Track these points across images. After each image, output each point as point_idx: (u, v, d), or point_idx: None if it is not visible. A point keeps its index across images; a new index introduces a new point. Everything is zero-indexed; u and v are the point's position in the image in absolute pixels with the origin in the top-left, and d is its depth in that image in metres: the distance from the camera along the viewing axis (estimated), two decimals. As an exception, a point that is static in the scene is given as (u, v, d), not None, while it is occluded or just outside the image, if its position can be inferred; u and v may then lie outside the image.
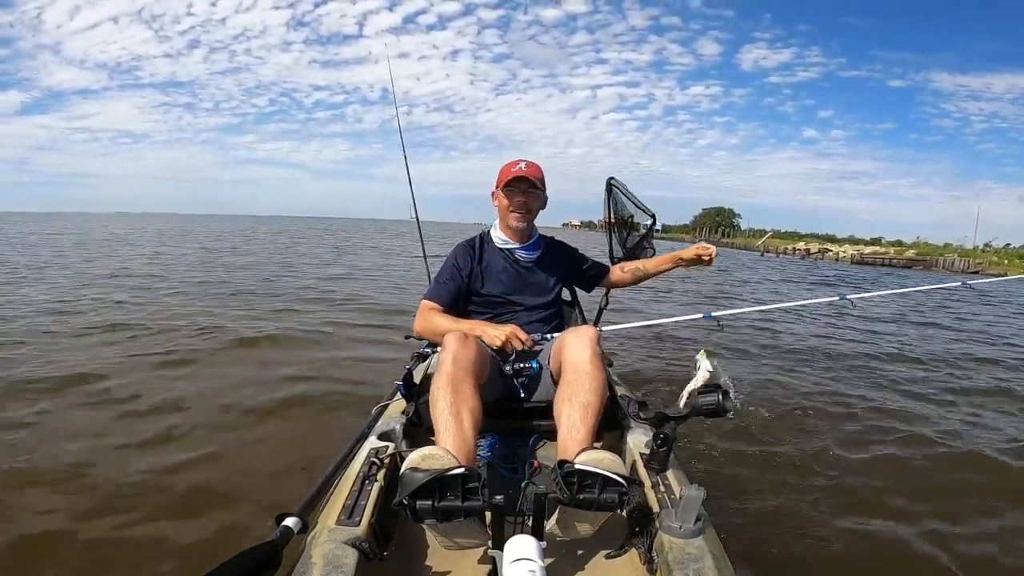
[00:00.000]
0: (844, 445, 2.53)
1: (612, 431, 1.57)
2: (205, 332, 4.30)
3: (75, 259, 10.68)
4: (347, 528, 1.02)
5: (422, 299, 1.67)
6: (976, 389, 3.65)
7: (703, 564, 0.95)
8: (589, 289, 1.97)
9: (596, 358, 1.30)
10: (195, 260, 11.28)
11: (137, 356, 3.61)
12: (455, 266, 1.70)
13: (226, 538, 1.68)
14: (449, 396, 1.21)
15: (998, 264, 27.45)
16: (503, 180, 1.66)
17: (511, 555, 0.93)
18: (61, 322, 4.58)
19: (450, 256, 1.73)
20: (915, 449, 2.51)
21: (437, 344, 1.50)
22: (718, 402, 1.20)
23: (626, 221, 2.06)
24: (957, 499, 2.10)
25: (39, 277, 7.59)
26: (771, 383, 3.49)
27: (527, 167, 1.65)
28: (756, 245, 37.16)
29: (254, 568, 0.82)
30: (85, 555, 1.63)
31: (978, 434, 2.77)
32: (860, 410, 3.02)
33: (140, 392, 2.91)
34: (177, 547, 1.66)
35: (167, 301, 5.87)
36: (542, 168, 1.69)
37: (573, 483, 1.02)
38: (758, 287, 11.63)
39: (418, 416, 1.46)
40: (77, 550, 1.65)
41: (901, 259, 29.07)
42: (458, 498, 0.99)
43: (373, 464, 1.23)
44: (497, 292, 1.68)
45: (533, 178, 1.64)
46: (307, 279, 8.30)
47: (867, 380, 3.71)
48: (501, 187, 1.66)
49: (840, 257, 30.57)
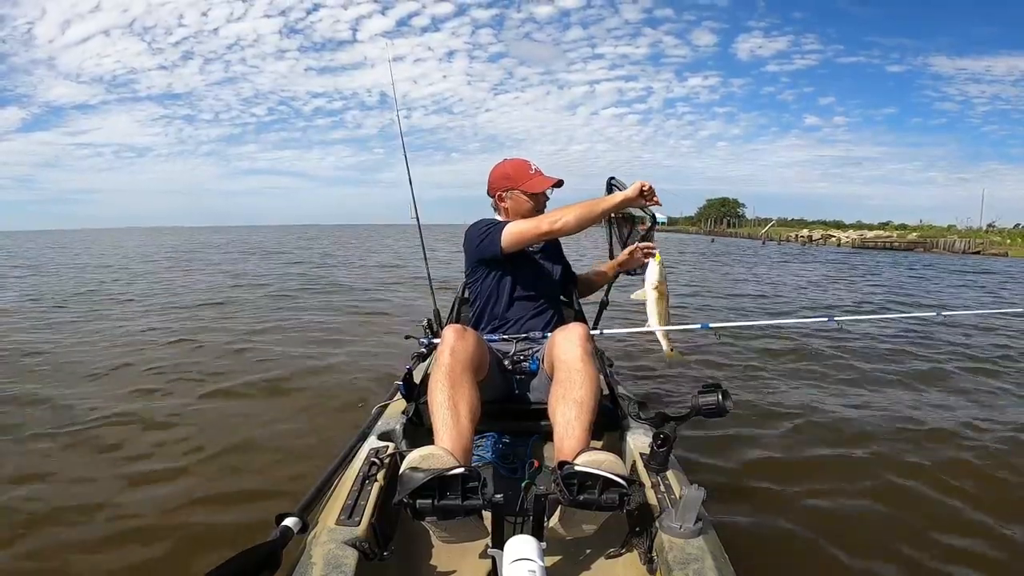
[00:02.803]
0: (846, 445, 2.53)
1: (612, 431, 1.57)
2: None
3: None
4: (347, 528, 1.02)
5: (507, 226, 1.60)
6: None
7: (703, 564, 0.95)
8: (568, 295, 2.01)
9: (587, 355, 1.29)
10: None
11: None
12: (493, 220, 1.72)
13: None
14: (447, 390, 1.20)
15: (1000, 244, 26.96)
16: (532, 184, 1.69)
17: (511, 555, 0.93)
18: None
19: (478, 222, 1.71)
20: (917, 449, 2.50)
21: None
22: (718, 402, 1.20)
23: (626, 220, 2.06)
24: (959, 501, 2.10)
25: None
26: (771, 382, 3.48)
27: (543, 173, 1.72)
28: (760, 234, 37.10)
29: (254, 568, 0.82)
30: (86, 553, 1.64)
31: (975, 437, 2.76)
32: (861, 410, 3.02)
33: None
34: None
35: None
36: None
37: (573, 484, 1.02)
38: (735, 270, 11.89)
39: (418, 416, 1.46)
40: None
41: (902, 242, 28.85)
42: (458, 497, 0.99)
43: (373, 464, 1.23)
44: (515, 285, 1.70)
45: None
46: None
47: (867, 379, 3.70)
48: (530, 191, 1.69)
49: (842, 242, 30.37)
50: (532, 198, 1.69)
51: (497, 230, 1.61)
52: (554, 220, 1.55)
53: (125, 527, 1.77)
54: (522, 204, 1.69)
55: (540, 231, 1.56)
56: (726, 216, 55.45)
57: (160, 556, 1.63)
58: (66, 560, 1.62)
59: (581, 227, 1.57)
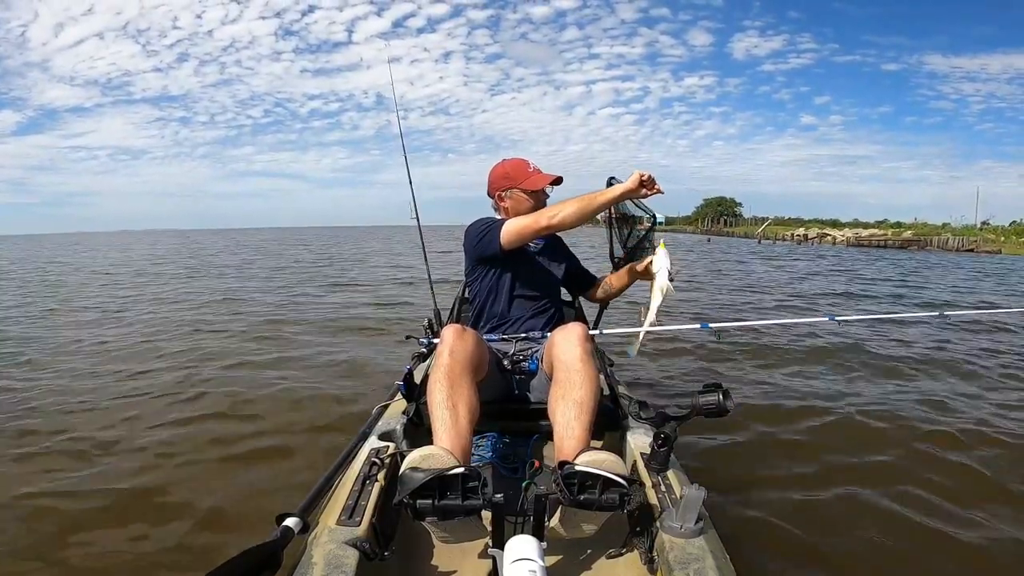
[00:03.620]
0: (847, 445, 2.53)
1: (612, 431, 1.57)
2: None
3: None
4: (348, 528, 1.02)
5: (506, 223, 1.60)
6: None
7: (704, 564, 0.95)
8: (575, 295, 1.99)
9: (586, 355, 1.28)
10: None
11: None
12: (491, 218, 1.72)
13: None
14: (445, 390, 1.20)
15: (994, 242, 27.16)
16: (532, 182, 1.69)
17: (511, 555, 0.93)
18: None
19: (477, 221, 1.71)
20: (924, 451, 2.50)
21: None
22: (719, 402, 1.20)
23: (626, 220, 2.06)
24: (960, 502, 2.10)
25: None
26: (772, 382, 3.48)
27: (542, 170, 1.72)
28: (755, 233, 37.15)
29: (254, 568, 0.81)
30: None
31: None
32: (864, 410, 3.02)
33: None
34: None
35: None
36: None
37: (574, 484, 1.02)
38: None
39: (418, 416, 1.46)
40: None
41: (897, 240, 29.06)
42: (458, 497, 0.99)
43: (374, 464, 1.23)
44: (516, 284, 1.70)
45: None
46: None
47: (869, 379, 3.70)
48: (529, 189, 1.69)
49: (837, 241, 30.50)
50: (532, 196, 1.69)
51: (496, 227, 1.61)
52: (553, 215, 1.55)
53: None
54: (522, 203, 1.69)
55: (539, 226, 1.55)
56: (723, 215, 55.47)
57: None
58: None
59: (581, 221, 1.56)
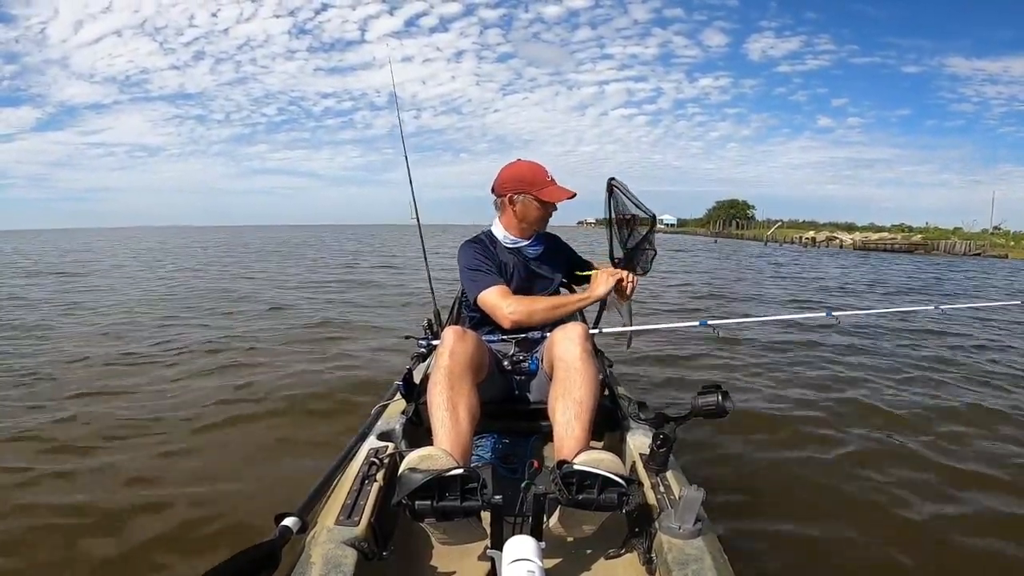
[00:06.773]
0: (848, 445, 2.52)
1: (612, 431, 1.57)
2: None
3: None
4: (346, 528, 1.02)
5: (482, 291, 1.58)
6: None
7: (702, 565, 0.95)
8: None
9: (586, 354, 1.28)
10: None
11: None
12: (483, 258, 1.65)
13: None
14: (446, 392, 1.20)
15: (1002, 247, 27.26)
16: (548, 193, 1.65)
17: (510, 555, 0.93)
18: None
19: (468, 255, 1.67)
20: (924, 450, 2.50)
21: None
22: (718, 403, 1.20)
23: (627, 221, 2.06)
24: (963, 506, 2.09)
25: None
26: (771, 382, 3.48)
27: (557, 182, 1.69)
28: (765, 236, 37.22)
29: (253, 568, 0.81)
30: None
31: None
32: (864, 410, 3.01)
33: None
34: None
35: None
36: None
37: (572, 484, 1.02)
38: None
39: (418, 416, 1.46)
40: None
41: (904, 244, 29.09)
42: (457, 498, 0.99)
43: (373, 464, 1.23)
44: (511, 290, 1.67)
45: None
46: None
47: (869, 377, 3.69)
48: (543, 199, 1.66)
49: (844, 244, 30.57)
50: (543, 206, 1.67)
51: (477, 285, 1.60)
52: (525, 311, 1.53)
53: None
54: (532, 210, 1.67)
55: (504, 317, 1.53)
56: (735, 218, 55.46)
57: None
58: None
59: (545, 324, 1.56)
